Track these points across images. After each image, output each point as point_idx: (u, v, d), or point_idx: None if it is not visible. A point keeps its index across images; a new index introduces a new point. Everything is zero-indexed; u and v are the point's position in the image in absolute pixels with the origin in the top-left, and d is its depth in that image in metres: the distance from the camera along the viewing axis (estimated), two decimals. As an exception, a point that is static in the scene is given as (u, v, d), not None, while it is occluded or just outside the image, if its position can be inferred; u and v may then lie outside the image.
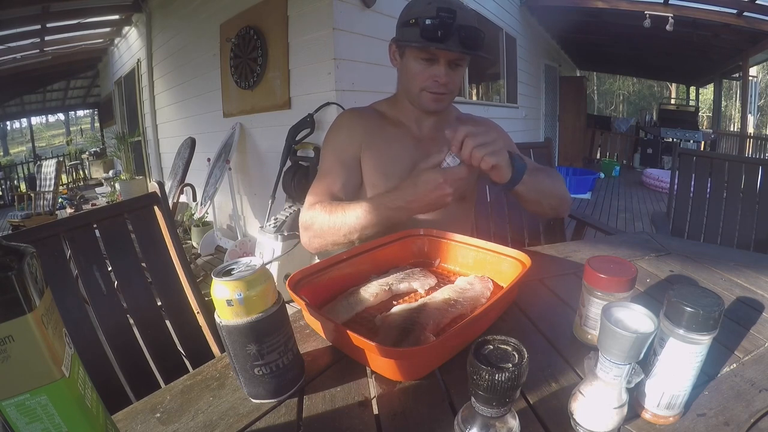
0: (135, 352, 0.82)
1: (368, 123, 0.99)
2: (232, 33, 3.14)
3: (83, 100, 11.27)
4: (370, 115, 1.02)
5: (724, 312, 0.40)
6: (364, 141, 0.96)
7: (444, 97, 0.93)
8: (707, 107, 13.99)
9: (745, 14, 4.56)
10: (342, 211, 0.85)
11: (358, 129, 0.97)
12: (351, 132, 0.98)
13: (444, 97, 0.93)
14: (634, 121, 10.22)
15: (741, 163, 1.55)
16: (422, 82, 0.91)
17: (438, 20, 0.82)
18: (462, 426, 0.37)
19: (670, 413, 0.44)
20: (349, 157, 0.96)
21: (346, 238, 0.86)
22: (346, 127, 0.99)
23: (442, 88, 0.91)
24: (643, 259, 0.88)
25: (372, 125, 0.98)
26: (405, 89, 0.97)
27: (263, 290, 0.45)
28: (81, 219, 0.82)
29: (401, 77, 0.96)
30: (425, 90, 0.92)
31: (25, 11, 4.06)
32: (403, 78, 0.95)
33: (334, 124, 1.01)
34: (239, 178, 3.45)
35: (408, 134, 0.99)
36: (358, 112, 1.03)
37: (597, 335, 0.41)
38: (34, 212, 4.57)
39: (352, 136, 0.97)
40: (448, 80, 0.90)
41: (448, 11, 0.83)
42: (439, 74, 0.89)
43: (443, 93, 0.92)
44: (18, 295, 0.28)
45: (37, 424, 0.30)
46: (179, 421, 0.46)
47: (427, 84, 0.90)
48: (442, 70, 0.88)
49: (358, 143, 0.96)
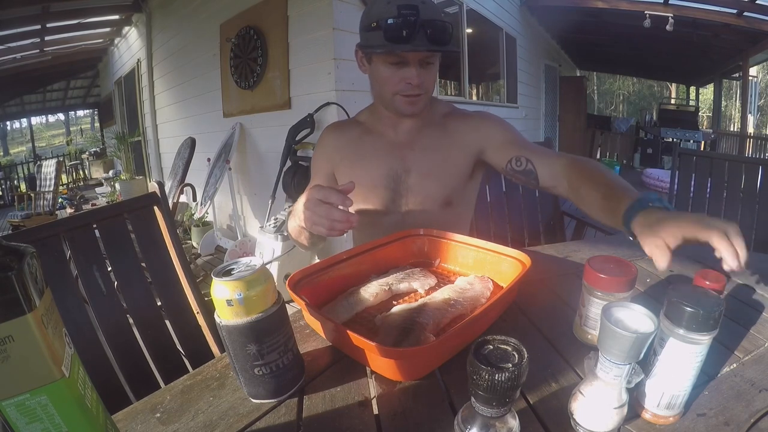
0: (135, 352, 0.82)
1: (342, 138, 1.01)
2: (232, 33, 3.14)
3: (83, 100, 11.26)
4: (348, 128, 1.03)
5: (724, 312, 0.40)
6: (336, 156, 1.00)
7: (419, 98, 0.90)
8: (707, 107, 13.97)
9: (745, 14, 4.56)
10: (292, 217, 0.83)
11: (330, 147, 1.02)
12: (324, 150, 1.03)
13: (419, 99, 0.90)
14: (634, 121, 10.22)
15: (741, 163, 1.55)
16: (394, 86, 0.87)
17: (400, 19, 0.79)
18: (462, 426, 0.37)
19: (670, 413, 0.44)
20: (326, 171, 1.02)
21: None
22: (321, 146, 1.04)
23: (416, 89, 0.87)
24: (643, 259, 0.88)
25: (347, 138, 1.01)
26: (378, 95, 0.94)
27: (263, 290, 0.45)
28: (81, 219, 0.82)
29: (372, 84, 0.93)
30: (398, 94, 0.88)
31: (25, 11, 4.06)
32: (375, 84, 0.92)
33: (318, 139, 1.07)
34: (239, 178, 3.45)
35: (383, 141, 0.98)
36: (335, 127, 1.06)
37: (597, 335, 0.41)
38: (34, 212, 4.57)
39: (324, 153, 1.02)
40: (420, 81, 0.86)
41: (410, 8, 0.79)
42: (410, 76, 0.85)
43: (417, 95, 0.89)
44: (18, 295, 0.28)
45: (37, 424, 0.30)
46: (179, 421, 0.46)
47: (399, 87, 0.87)
48: (413, 71, 0.85)
49: (329, 161, 1.02)
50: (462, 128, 0.97)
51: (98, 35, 5.98)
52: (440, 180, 0.96)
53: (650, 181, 6.53)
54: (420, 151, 0.96)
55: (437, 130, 0.98)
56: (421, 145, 0.97)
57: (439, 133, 0.97)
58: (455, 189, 0.98)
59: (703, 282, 0.55)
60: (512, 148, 0.91)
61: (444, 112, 1.01)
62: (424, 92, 0.90)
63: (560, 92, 8.07)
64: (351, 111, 2.41)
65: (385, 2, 0.81)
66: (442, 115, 1.00)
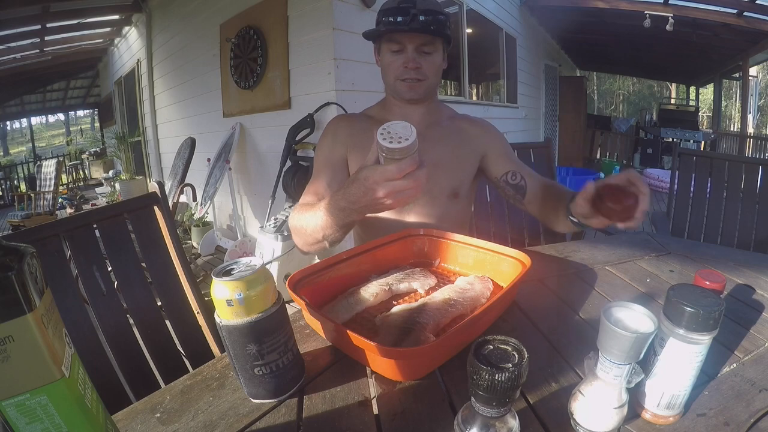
0: (135, 352, 0.82)
1: (354, 126, 1.01)
2: (232, 33, 3.14)
3: (83, 100, 11.26)
4: (358, 119, 1.05)
5: (724, 312, 0.40)
6: (350, 143, 0.99)
7: (419, 84, 0.94)
8: (707, 107, 13.96)
9: (745, 14, 4.56)
10: (312, 211, 0.82)
11: (343, 132, 1.01)
12: (336, 136, 1.01)
13: (419, 84, 0.94)
14: (634, 121, 10.21)
15: (741, 163, 1.55)
16: (395, 71, 0.93)
17: (396, 8, 0.88)
18: (462, 426, 0.37)
19: (670, 413, 0.44)
20: (336, 158, 0.99)
21: (312, 237, 0.83)
22: (332, 132, 1.02)
23: (413, 73, 0.92)
24: (643, 259, 0.88)
25: (359, 128, 1.01)
26: (386, 84, 1.00)
27: (263, 290, 0.45)
28: (81, 219, 0.82)
29: (382, 73, 0.99)
30: (398, 79, 0.94)
31: (25, 11, 4.06)
32: (383, 73, 0.98)
33: (323, 131, 1.05)
34: (239, 178, 3.45)
35: None
36: (345, 117, 1.07)
37: None
38: (34, 212, 4.57)
39: (337, 138, 1.01)
40: (417, 65, 0.92)
41: (408, 1, 0.88)
42: (407, 60, 0.91)
43: (417, 79, 0.93)
44: (18, 295, 0.28)
45: (37, 424, 0.30)
46: (179, 421, 0.46)
47: (399, 72, 0.93)
48: (410, 56, 0.91)
49: (343, 145, 1.00)
50: (470, 129, 1.04)
51: (98, 35, 5.98)
52: (449, 171, 0.99)
53: (650, 181, 6.52)
54: (430, 142, 0.98)
55: (446, 127, 1.03)
56: (431, 137, 0.99)
57: (447, 129, 1.03)
58: (462, 182, 1.02)
59: (703, 282, 0.55)
60: (509, 162, 1.01)
61: (450, 115, 1.07)
62: (424, 78, 0.94)
63: (560, 92, 8.06)
64: (351, 111, 2.41)
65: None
66: (449, 117, 1.06)
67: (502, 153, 1.02)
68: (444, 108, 1.08)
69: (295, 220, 0.88)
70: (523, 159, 1.69)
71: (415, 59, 0.91)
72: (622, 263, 0.86)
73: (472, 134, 1.03)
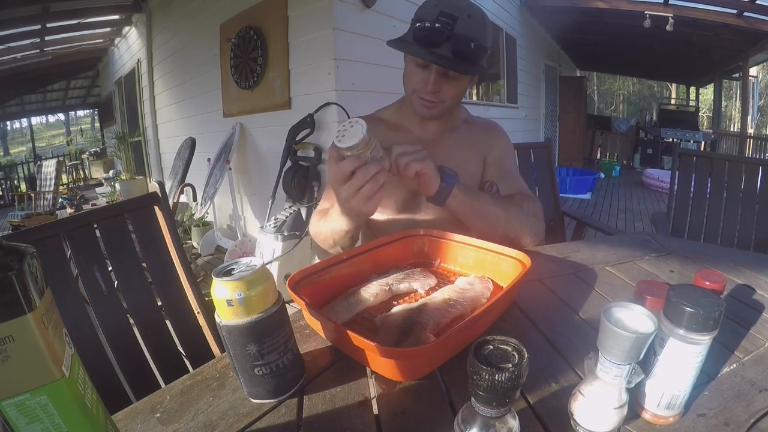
0: (135, 352, 0.82)
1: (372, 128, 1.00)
2: (232, 33, 3.14)
3: (83, 100, 11.27)
4: (372, 122, 1.03)
5: (724, 312, 0.40)
6: None
7: (433, 105, 0.90)
8: (707, 107, 13.96)
9: (745, 14, 4.56)
10: (324, 219, 0.85)
11: None
12: None
13: (433, 106, 0.90)
14: (634, 121, 10.23)
15: (741, 163, 1.55)
16: (413, 84, 0.89)
17: (435, 25, 0.79)
18: (462, 426, 0.37)
19: (670, 413, 0.44)
20: None
21: (326, 243, 0.87)
22: None
23: (430, 96, 0.88)
24: (643, 259, 0.88)
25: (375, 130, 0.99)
26: (405, 89, 0.97)
27: (263, 290, 0.45)
28: (81, 219, 0.82)
29: (403, 77, 0.96)
30: (416, 93, 0.90)
31: (25, 11, 4.06)
32: (403, 79, 0.95)
33: None
34: (239, 178, 3.45)
35: (411, 137, 1.00)
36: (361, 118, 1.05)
37: None
38: (34, 212, 4.57)
39: None
40: (436, 89, 0.86)
41: (449, 17, 0.79)
42: (427, 82, 0.86)
43: (432, 101, 0.89)
44: (18, 295, 0.28)
45: (37, 424, 0.30)
46: (179, 421, 0.46)
47: (417, 87, 0.89)
48: (431, 77, 0.85)
49: None
50: (479, 133, 1.04)
51: (98, 35, 5.98)
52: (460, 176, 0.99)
53: (650, 181, 6.53)
54: (445, 149, 0.98)
55: (460, 133, 1.02)
56: (445, 144, 0.99)
57: (461, 136, 1.02)
58: None
59: (703, 282, 0.55)
60: (496, 172, 1.00)
61: (465, 118, 1.06)
62: (440, 101, 0.90)
63: (560, 92, 8.06)
64: (351, 111, 2.42)
65: (433, 4, 0.82)
66: (464, 120, 1.06)
67: (494, 161, 1.01)
68: (461, 111, 1.06)
69: (313, 226, 0.90)
70: (523, 159, 1.70)
71: (437, 82, 0.85)
72: (622, 263, 0.86)
73: (480, 138, 1.03)
